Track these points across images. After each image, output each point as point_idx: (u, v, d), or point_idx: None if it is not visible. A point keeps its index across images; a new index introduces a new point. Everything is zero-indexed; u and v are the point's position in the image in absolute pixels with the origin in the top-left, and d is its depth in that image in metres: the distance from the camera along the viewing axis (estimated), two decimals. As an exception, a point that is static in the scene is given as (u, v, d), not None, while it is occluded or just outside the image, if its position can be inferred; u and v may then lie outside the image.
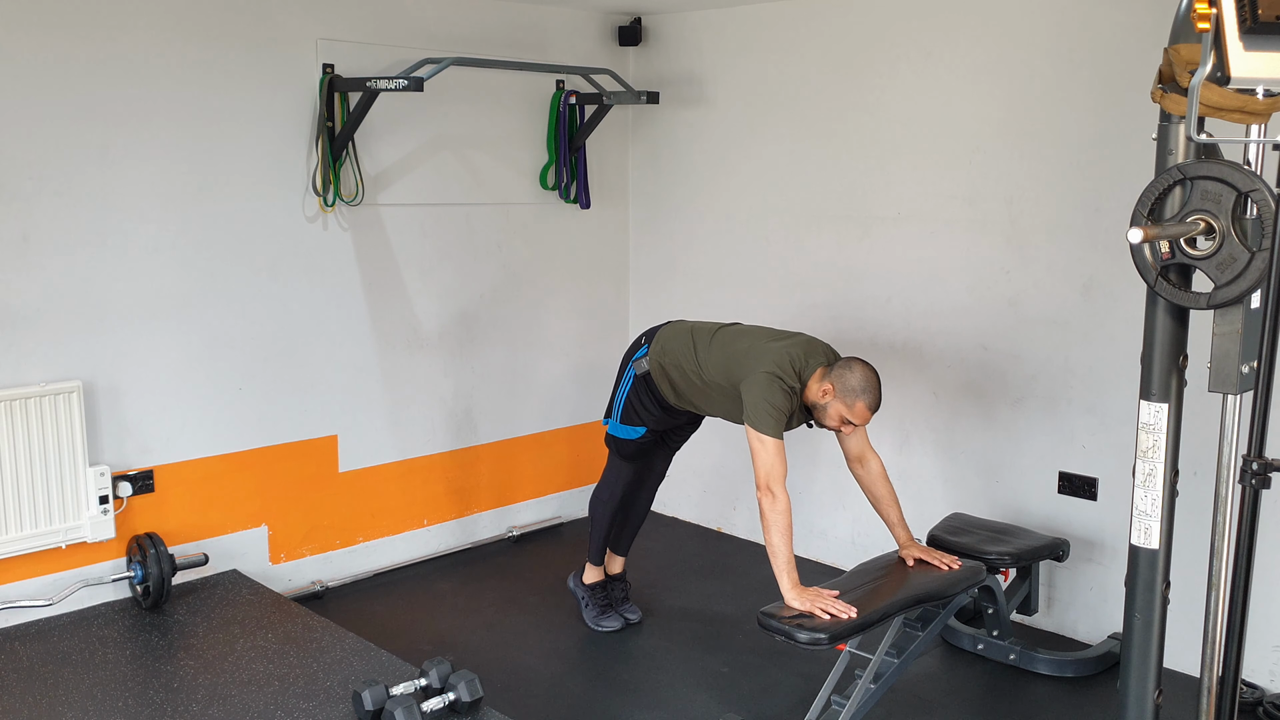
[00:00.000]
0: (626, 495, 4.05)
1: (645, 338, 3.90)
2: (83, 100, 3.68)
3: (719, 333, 3.72)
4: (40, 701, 3.21)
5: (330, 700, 3.22)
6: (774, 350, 3.50)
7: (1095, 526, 3.99)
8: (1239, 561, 2.06)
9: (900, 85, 4.33)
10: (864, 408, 3.39)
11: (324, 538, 4.48)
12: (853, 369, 3.40)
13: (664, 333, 3.85)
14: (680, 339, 3.77)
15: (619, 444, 3.99)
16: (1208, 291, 2.29)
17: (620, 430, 3.94)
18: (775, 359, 3.46)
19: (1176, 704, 3.24)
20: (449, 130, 4.63)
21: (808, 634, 3.05)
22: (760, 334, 3.67)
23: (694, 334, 3.75)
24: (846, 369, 3.41)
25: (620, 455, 4.01)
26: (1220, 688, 2.21)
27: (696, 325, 3.82)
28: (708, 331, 3.74)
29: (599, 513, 4.09)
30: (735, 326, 3.79)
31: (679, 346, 3.75)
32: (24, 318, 3.66)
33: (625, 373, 3.91)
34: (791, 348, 3.50)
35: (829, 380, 3.41)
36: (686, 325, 3.84)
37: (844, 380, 3.39)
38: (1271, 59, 1.86)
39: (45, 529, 3.72)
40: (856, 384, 3.38)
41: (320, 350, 4.37)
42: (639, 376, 3.84)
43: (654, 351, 3.80)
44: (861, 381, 3.38)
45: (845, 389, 3.38)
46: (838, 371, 3.41)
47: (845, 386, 3.38)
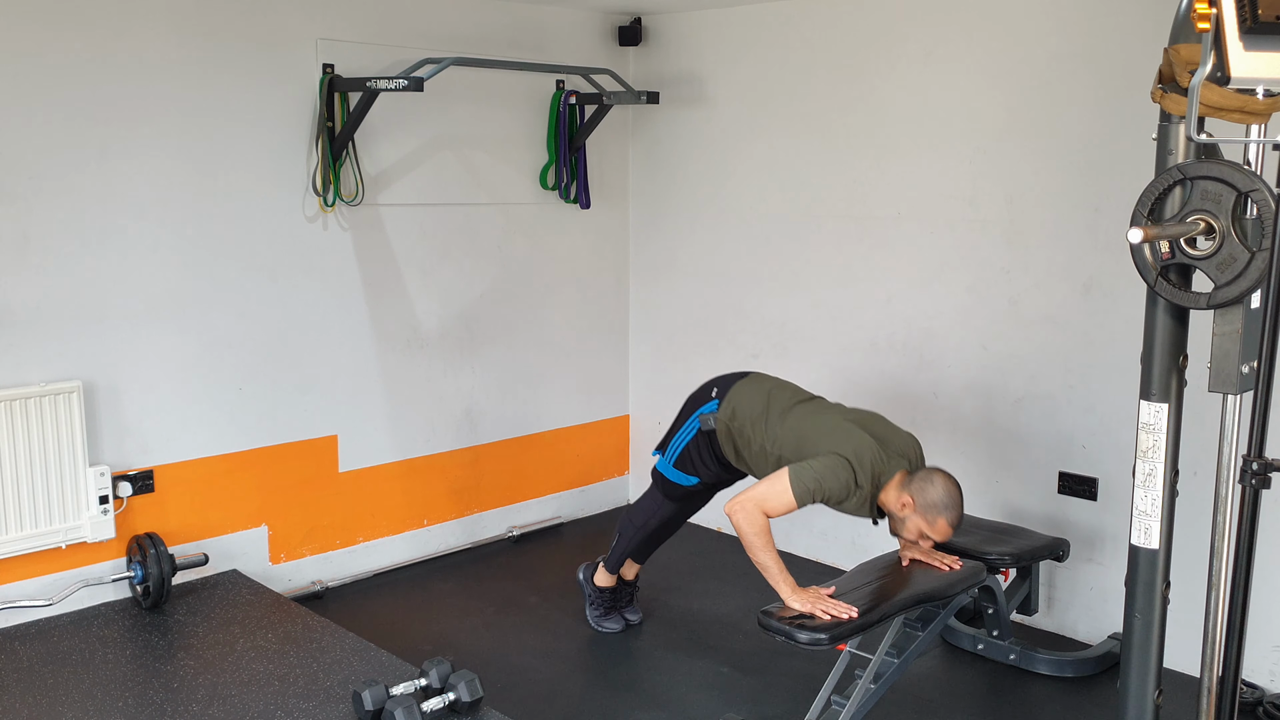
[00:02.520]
0: (661, 525, 3.96)
1: (716, 390, 3.68)
2: (83, 100, 3.68)
3: (796, 407, 3.51)
4: (40, 701, 3.21)
5: (330, 700, 3.22)
6: (858, 440, 3.29)
7: (1095, 526, 3.99)
8: (1239, 561, 2.06)
9: (900, 85, 4.33)
10: (946, 525, 3.24)
11: (324, 538, 4.48)
12: (934, 482, 3.23)
13: (737, 393, 3.62)
14: (754, 405, 3.55)
15: (666, 485, 3.85)
16: (1208, 291, 2.29)
17: (671, 473, 3.80)
18: (856, 448, 3.27)
19: (1176, 704, 3.24)
20: (449, 130, 4.63)
21: (808, 634, 3.05)
22: (841, 413, 3.48)
23: (769, 402, 3.54)
24: (928, 481, 3.23)
25: (665, 494, 3.88)
26: (1220, 688, 2.21)
27: (773, 391, 3.59)
28: (783, 403, 3.53)
29: (629, 533, 3.98)
30: (814, 402, 3.58)
31: (751, 414, 3.54)
32: (24, 318, 3.66)
33: (689, 421, 3.71)
34: (877, 447, 3.29)
35: (909, 492, 3.24)
36: (762, 388, 3.61)
37: (925, 494, 3.22)
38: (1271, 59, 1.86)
39: (45, 529, 3.72)
40: (939, 499, 3.21)
41: (320, 350, 4.37)
42: (703, 431, 3.65)
43: (724, 413, 3.59)
44: (944, 497, 3.21)
45: (927, 504, 3.22)
46: (918, 484, 3.24)
47: (926, 501, 3.22)
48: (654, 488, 3.93)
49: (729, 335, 5.03)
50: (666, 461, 3.82)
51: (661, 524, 3.95)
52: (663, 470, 3.85)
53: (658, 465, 3.88)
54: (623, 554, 4.03)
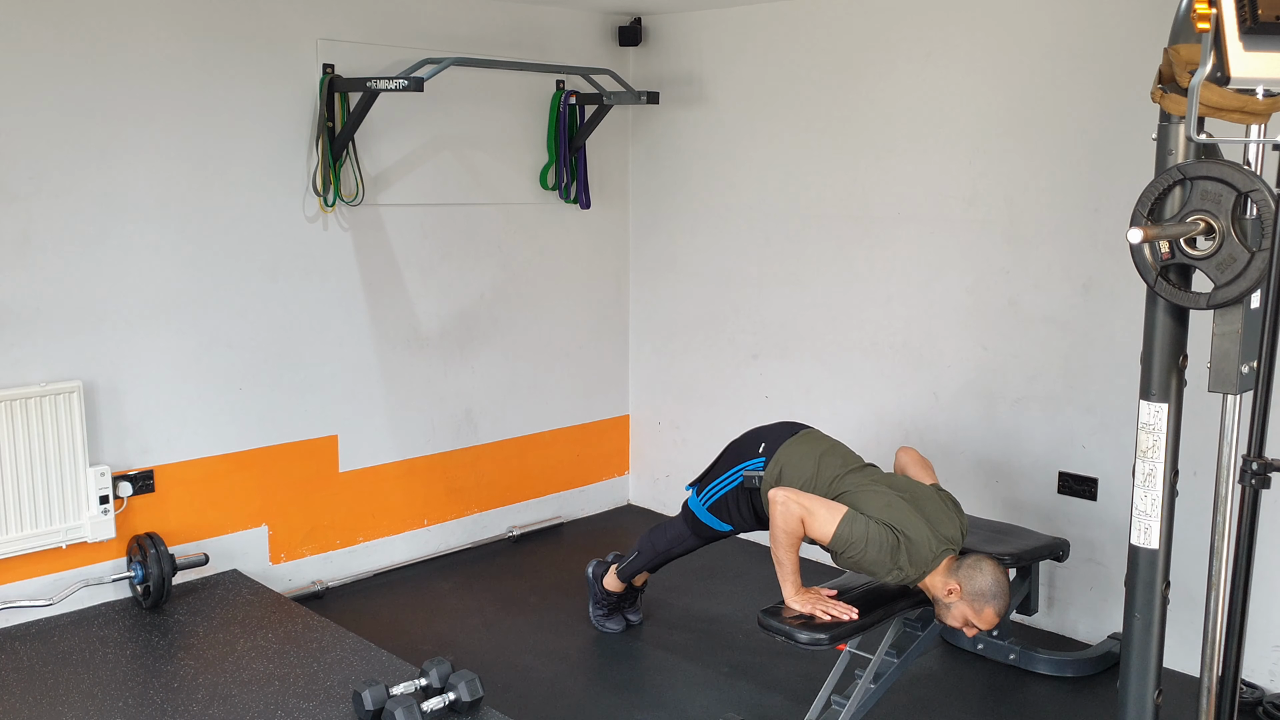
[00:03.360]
0: (682, 553, 3.92)
1: (764, 446, 3.58)
2: (83, 100, 3.68)
3: (847, 476, 3.40)
4: (40, 701, 3.21)
5: (330, 700, 3.22)
6: (915, 528, 3.18)
7: (1095, 526, 3.99)
8: (1239, 561, 2.06)
9: (900, 85, 4.33)
10: (993, 614, 3.15)
11: (324, 538, 4.48)
12: (983, 570, 3.14)
13: (785, 453, 3.51)
14: (802, 470, 3.45)
15: (697, 525, 3.77)
16: (1208, 291, 2.28)
17: (705, 517, 3.74)
18: (913, 536, 3.16)
19: (1176, 704, 3.24)
20: (449, 130, 4.63)
21: (808, 634, 3.05)
22: (896, 489, 3.33)
23: (819, 469, 3.44)
24: (976, 570, 3.15)
25: (693, 531, 3.82)
26: (1220, 688, 2.21)
27: (824, 457, 3.47)
28: (834, 471, 3.43)
29: (648, 554, 3.94)
30: (867, 471, 3.45)
31: (798, 477, 3.43)
32: (24, 318, 3.66)
33: (731, 472, 3.62)
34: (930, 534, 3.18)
35: (956, 579, 3.16)
36: (813, 453, 3.49)
37: (973, 582, 3.14)
38: (1271, 59, 1.86)
39: (45, 529, 3.72)
40: (987, 588, 3.13)
41: (320, 350, 4.37)
42: (745, 488, 3.58)
43: (770, 473, 3.50)
44: (993, 586, 3.13)
45: (975, 592, 3.14)
46: (966, 571, 3.15)
47: (975, 590, 3.14)
48: (683, 521, 3.85)
49: (729, 335, 5.03)
50: (700, 503, 3.75)
51: (684, 552, 3.92)
52: (695, 510, 3.77)
53: (690, 503, 3.80)
54: (639, 570, 4.00)
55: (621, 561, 4.04)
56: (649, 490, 5.48)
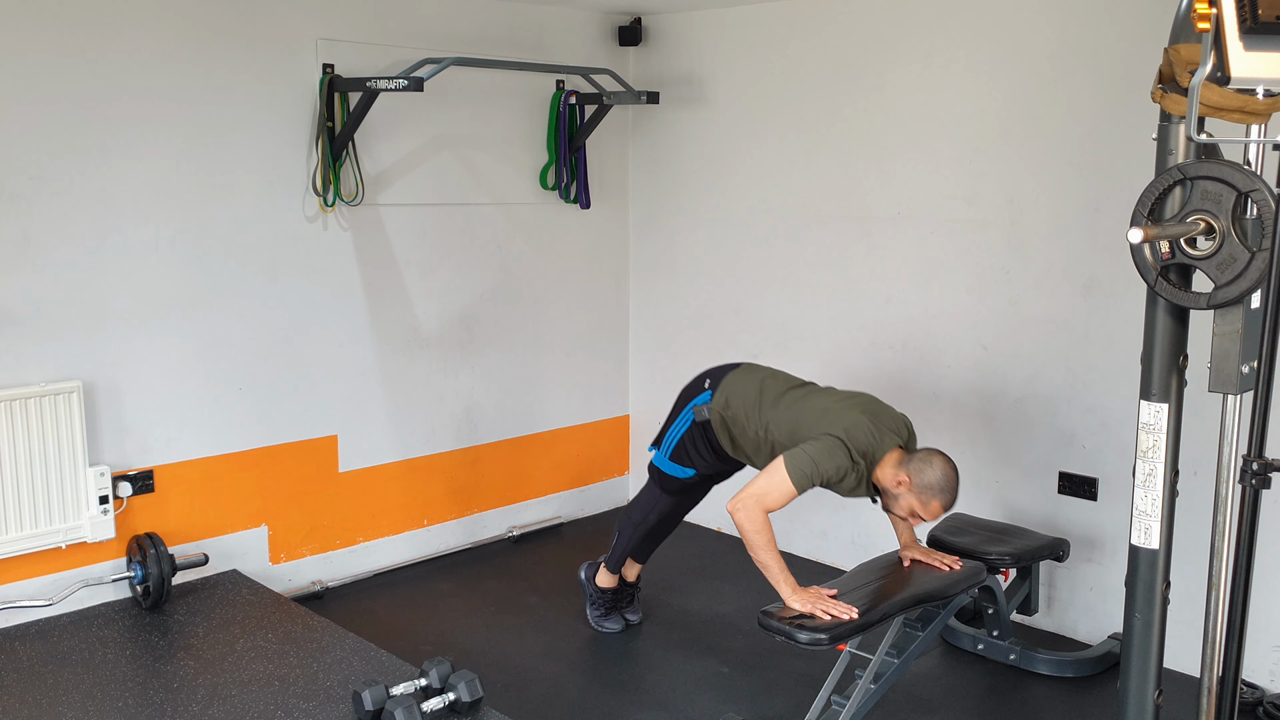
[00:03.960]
0: (660, 521, 3.97)
1: (709, 381, 3.71)
2: (83, 100, 3.68)
3: (789, 393, 3.54)
4: (40, 701, 3.21)
5: (330, 700, 3.22)
6: (849, 418, 3.32)
7: (1095, 526, 3.99)
8: (1239, 561, 2.06)
9: (900, 85, 4.33)
10: (939, 507, 3.27)
11: (324, 538, 4.48)
12: (933, 464, 3.25)
13: (730, 383, 3.64)
14: (747, 393, 3.58)
15: (663, 478, 3.87)
16: (1208, 291, 2.28)
17: (667, 466, 3.82)
18: (847, 426, 3.29)
19: (1176, 704, 3.24)
20: (449, 130, 4.63)
21: (808, 634, 3.05)
22: (833, 396, 3.50)
23: (762, 389, 3.57)
24: (926, 464, 3.25)
25: (662, 488, 3.90)
26: (1220, 688, 2.21)
27: (766, 379, 3.62)
28: (776, 389, 3.56)
29: (627, 531, 3.99)
30: (806, 387, 3.60)
31: (745, 402, 3.56)
32: (24, 318, 3.66)
33: (683, 413, 3.73)
34: (870, 421, 3.31)
35: (905, 471, 3.27)
36: (756, 377, 3.64)
37: (923, 476, 3.24)
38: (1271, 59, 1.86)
39: (45, 529, 3.72)
40: (936, 481, 3.23)
41: (320, 350, 4.37)
42: (697, 423, 3.67)
43: (718, 402, 3.62)
44: (941, 480, 3.24)
45: (923, 485, 3.24)
46: (916, 465, 3.26)
47: (923, 482, 3.24)
48: (651, 483, 3.95)
49: (729, 335, 5.03)
50: (662, 455, 3.83)
51: (660, 519, 3.96)
52: (659, 464, 3.86)
53: (654, 460, 3.89)
54: (623, 553, 4.03)
55: (609, 552, 4.07)
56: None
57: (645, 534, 3.98)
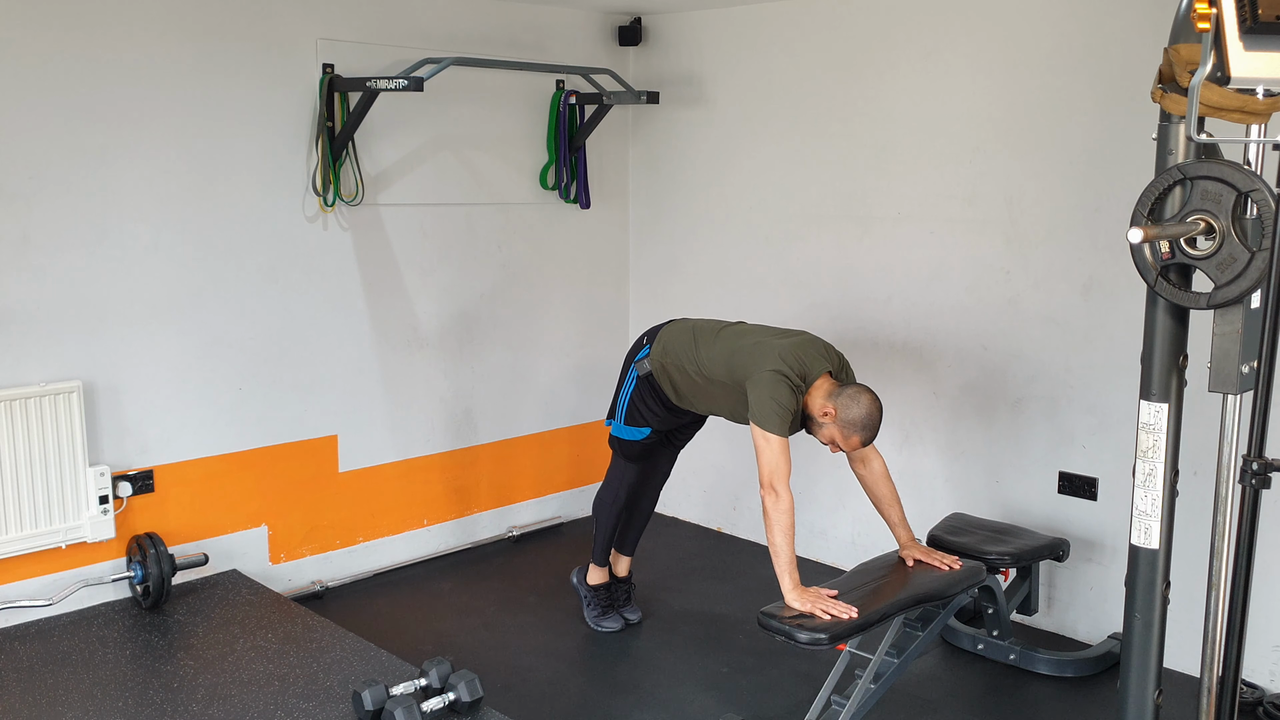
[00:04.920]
0: (631, 496, 4.04)
1: (647, 338, 3.87)
2: (82, 100, 3.68)
3: (722, 331, 3.69)
4: (40, 701, 3.21)
5: (330, 700, 3.22)
6: (779, 347, 3.45)
7: (1095, 526, 3.99)
8: (1239, 561, 2.06)
9: (900, 85, 4.33)
10: (859, 442, 3.38)
11: (324, 538, 4.48)
12: (859, 401, 3.33)
13: (665, 332, 3.81)
14: (682, 338, 3.74)
15: (623, 445, 3.97)
16: (1208, 291, 2.29)
17: (624, 431, 3.93)
18: (781, 355, 3.42)
19: (1176, 704, 3.24)
20: (449, 130, 4.63)
21: (808, 634, 3.05)
22: (763, 331, 3.64)
23: (695, 333, 3.72)
24: (853, 400, 3.33)
25: (624, 456, 4.00)
26: (1220, 688, 2.21)
27: (698, 324, 3.79)
28: (710, 330, 3.71)
29: (603, 515, 4.07)
30: (738, 325, 3.75)
31: (681, 346, 3.72)
32: (24, 318, 3.66)
33: (628, 374, 3.88)
34: (797, 347, 3.45)
35: (833, 403, 3.35)
36: (688, 324, 3.81)
37: (848, 411, 3.33)
38: (1271, 59, 1.86)
39: (45, 529, 3.72)
40: (859, 418, 3.32)
41: (320, 350, 4.37)
42: (641, 377, 3.81)
43: (655, 352, 3.78)
44: (865, 418, 3.32)
45: (847, 420, 3.33)
46: (844, 400, 3.34)
47: (848, 418, 3.33)
48: (615, 458, 4.05)
49: (729, 335, 5.02)
50: (619, 423, 3.93)
51: (630, 495, 4.03)
52: (617, 433, 3.96)
53: (613, 431, 3.98)
54: (605, 540, 4.08)
55: (593, 546, 4.13)
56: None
57: (619, 514, 4.05)
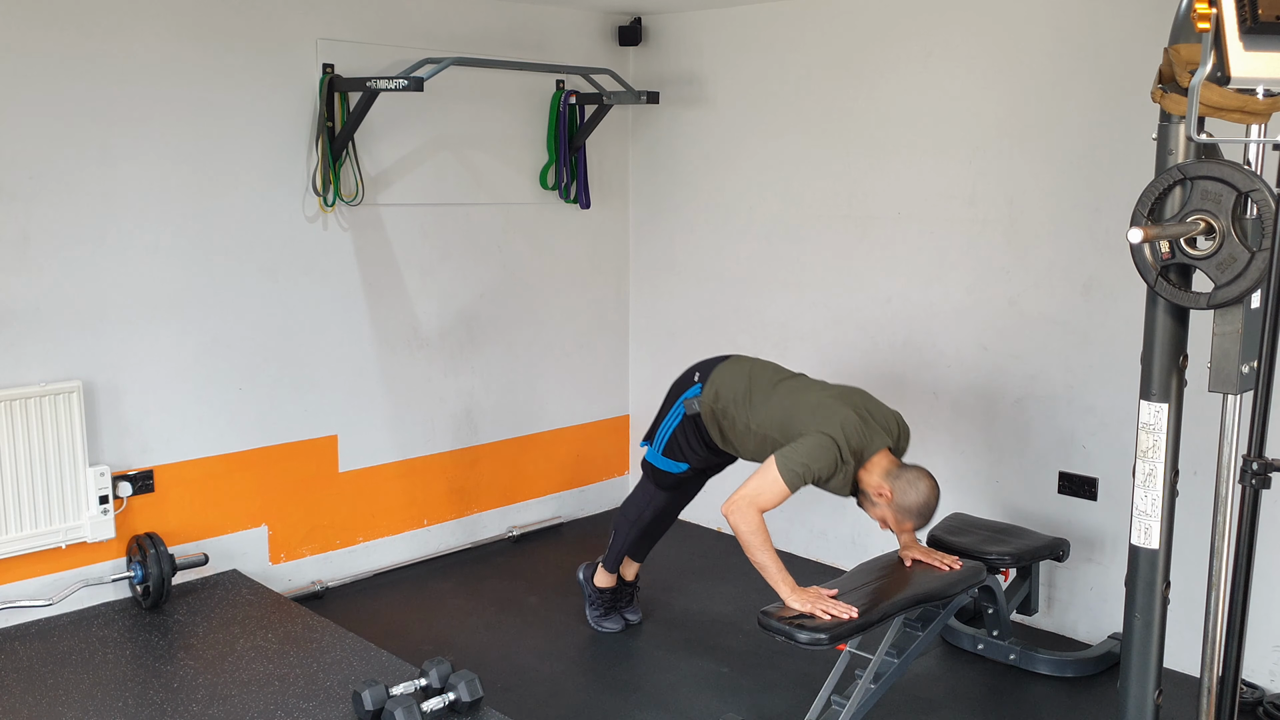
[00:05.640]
0: (655, 518, 3.97)
1: (699, 374, 3.71)
2: (83, 100, 3.68)
3: (779, 384, 3.53)
4: (40, 701, 3.21)
5: (330, 700, 3.22)
6: (843, 416, 3.30)
7: (1095, 526, 3.99)
8: (1239, 561, 2.06)
9: (900, 85, 4.33)
10: (912, 528, 3.33)
11: (324, 538, 4.48)
12: (918, 488, 3.24)
13: (719, 375, 3.64)
14: (736, 385, 3.58)
15: (657, 474, 3.87)
16: (1208, 291, 2.29)
17: (661, 462, 3.82)
18: (843, 425, 3.27)
19: (1176, 704, 3.24)
20: (449, 130, 4.63)
21: (808, 634, 3.05)
22: (824, 390, 3.48)
23: (751, 380, 3.57)
24: (911, 486, 3.25)
25: (656, 484, 3.90)
26: (1220, 688, 2.21)
27: (754, 371, 3.62)
28: (766, 381, 3.56)
29: (624, 529, 3.99)
30: (797, 379, 3.59)
31: (734, 394, 3.56)
32: (24, 318, 3.66)
33: (674, 408, 3.74)
34: (862, 421, 3.30)
35: (890, 484, 3.26)
36: (743, 368, 3.64)
37: (905, 496, 3.25)
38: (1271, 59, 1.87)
39: (45, 529, 3.72)
40: (916, 506, 3.25)
41: (320, 350, 4.37)
42: (688, 416, 3.68)
43: (707, 395, 3.62)
44: (922, 505, 3.25)
45: (903, 506, 3.26)
46: (902, 484, 3.25)
47: (904, 503, 3.25)
48: (645, 479, 3.96)
49: (729, 335, 5.03)
50: (655, 451, 3.85)
51: (655, 516, 3.97)
52: (652, 460, 3.87)
53: (647, 456, 3.90)
54: (620, 551, 4.03)
55: (606, 551, 4.07)
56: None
57: (641, 531, 3.99)
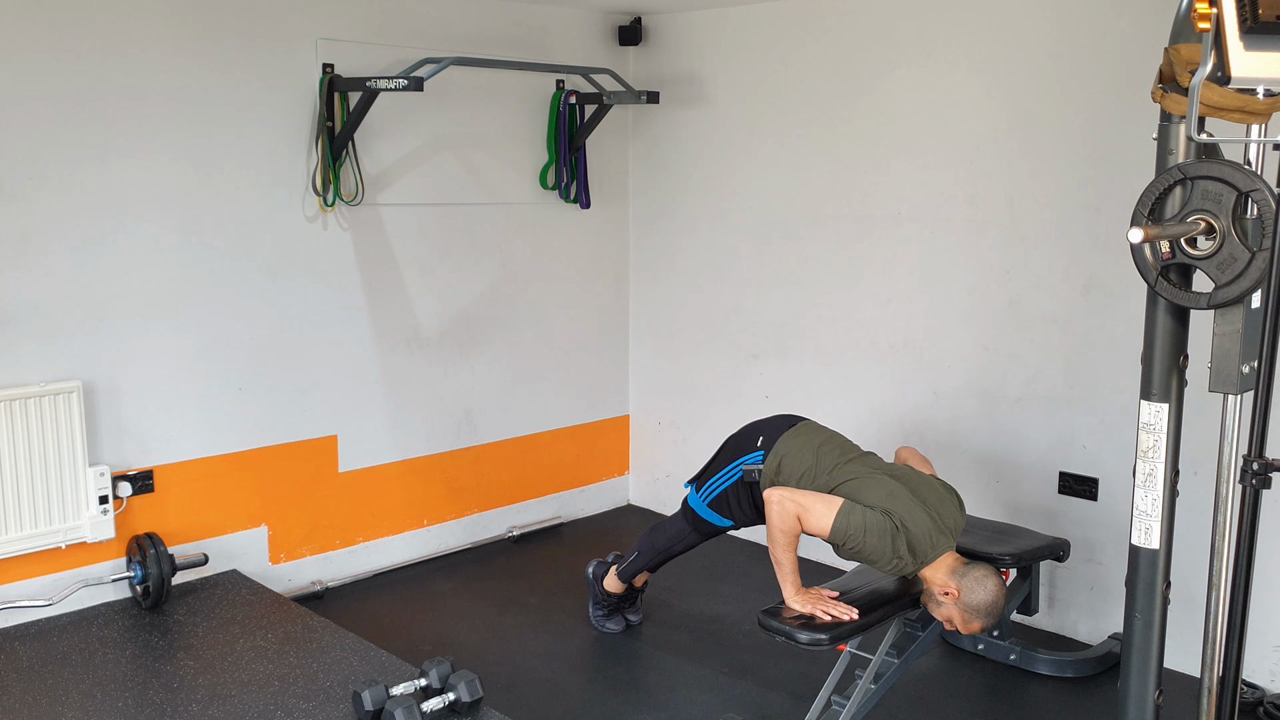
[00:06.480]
0: (682, 550, 3.92)
1: (762, 439, 3.59)
2: (83, 100, 3.68)
3: (847, 465, 3.42)
4: (40, 701, 3.21)
5: (330, 700, 3.22)
6: (914, 514, 3.21)
7: (1095, 526, 3.99)
8: (1239, 561, 2.06)
9: (900, 85, 4.32)
10: (979, 628, 3.22)
11: (324, 538, 4.48)
12: (986, 587, 3.16)
13: (784, 445, 3.52)
14: (801, 461, 3.46)
15: (698, 521, 3.78)
16: (1208, 291, 2.29)
17: (705, 513, 3.74)
18: (910, 521, 3.19)
19: (1176, 704, 3.24)
20: (449, 130, 4.63)
21: (808, 634, 3.05)
22: (893, 475, 3.35)
23: (818, 458, 3.44)
24: (979, 585, 3.16)
25: (694, 529, 3.83)
26: (1220, 688, 2.21)
27: (822, 446, 3.49)
28: (833, 460, 3.43)
29: (649, 553, 3.94)
30: (865, 460, 3.46)
31: (797, 470, 3.45)
32: (24, 318, 3.66)
33: (730, 466, 3.63)
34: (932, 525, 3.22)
35: (956, 582, 3.18)
36: (811, 444, 3.50)
37: (973, 595, 3.16)
38: (1271, 59, 1.86)
39: (45, 529, 3.72)
40: (984, 605, 3.16)
41: (320, 350, 4.37)
42: (745, 481, 3.58)
43: (769, 466, 3.51)
44: (990, 604, 3.17)
45: (970, 605, 3.17)
46: (969, 582, 3.17)
47: (972, 603, 3.17)
48: (682, 517, 3.86)
49: (729, 335, 5.03)
50: (700, 500, 3.75)
51: (683, 550, 3.93)
52: (695, 507, 3.78)
53: (690, 500, 3.81)
54: (639, 569, 4.00)
55: (621, 562, 4.04)
56: (649, 490, 5.48)
57: (665, 559, 3.96)
